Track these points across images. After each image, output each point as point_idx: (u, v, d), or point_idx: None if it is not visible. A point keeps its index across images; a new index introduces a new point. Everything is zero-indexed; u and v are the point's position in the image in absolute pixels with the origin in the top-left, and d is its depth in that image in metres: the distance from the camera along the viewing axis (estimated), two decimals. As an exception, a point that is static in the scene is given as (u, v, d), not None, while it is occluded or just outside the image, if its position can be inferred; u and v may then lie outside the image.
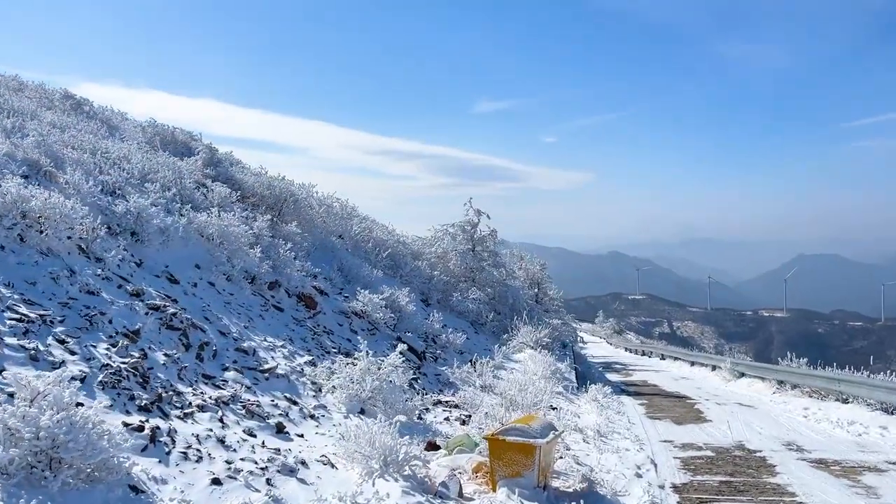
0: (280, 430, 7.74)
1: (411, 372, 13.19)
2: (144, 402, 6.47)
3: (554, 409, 13.29)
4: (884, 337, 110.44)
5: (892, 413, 13.43)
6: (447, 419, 11.04)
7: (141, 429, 5.89)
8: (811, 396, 17.08)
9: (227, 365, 8.96)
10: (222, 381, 8.42)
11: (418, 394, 12.14)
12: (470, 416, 11.15)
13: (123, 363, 6.92)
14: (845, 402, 15.15)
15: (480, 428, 10.00)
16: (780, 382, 19.14)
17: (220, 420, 7.09)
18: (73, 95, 20.72)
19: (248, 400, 8.13)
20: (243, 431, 7.12)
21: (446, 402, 12.40)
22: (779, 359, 21.31)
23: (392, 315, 15.92)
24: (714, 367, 26.33)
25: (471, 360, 15.87)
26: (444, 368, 14.90)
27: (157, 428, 6.06)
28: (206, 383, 8.07)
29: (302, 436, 7.90)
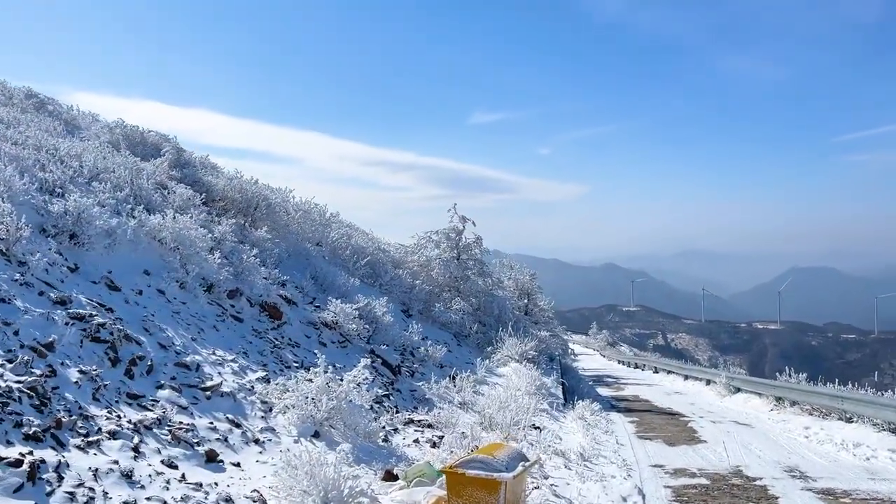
0: (211, 458, 6.72)
1: (382, 388, 12.20)
2: (35, 429, 5.43)
3: (537, 428, 12.29)
4: (877, 350, 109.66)
5: (901, 434, 12.45)
6: (417, 441, 10.03)
7: (19, 463, 4.86)
8: (811, 414, 16.10)
9: (162, 382, 7.92)
10: (152, 400, 7.40)
11: (388, 412, 11.14)
12: (442, 438, 10.13)
13: (18, 382, 5.89)
14: (849, 421, 14.15)
15: (452, 451, 9.01)
16: (779, 399, 18.17)
17: (135, 449, 6.06)
18: (36, 94, 19.76)
19: (179, 423, 7.11)
20: (161, 462, 6.10)
21: (419, 420, 11.39)
22: (777, 373, 20.34)
23: (367, 326, 14.91)
24: (708, 382, 25.35)
25: (450, 375, 14.87)
26: (420, 384, 13.88)
27: (42, 462, 5.03)
28: (129, 404, 7.04)
29: (238, 465, 6.89)
